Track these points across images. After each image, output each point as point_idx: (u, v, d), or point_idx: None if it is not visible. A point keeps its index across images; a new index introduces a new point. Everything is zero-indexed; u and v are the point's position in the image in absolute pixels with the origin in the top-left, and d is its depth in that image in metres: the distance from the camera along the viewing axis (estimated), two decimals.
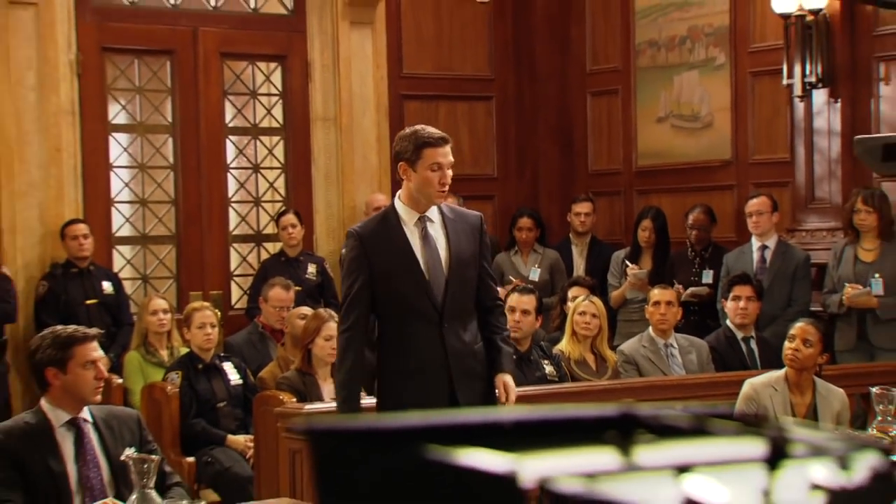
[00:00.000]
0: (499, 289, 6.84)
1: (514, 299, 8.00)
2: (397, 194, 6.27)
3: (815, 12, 9.95)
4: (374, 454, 1.09)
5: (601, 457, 1.04)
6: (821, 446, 1.05)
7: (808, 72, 9.96)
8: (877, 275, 9.08)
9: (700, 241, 10.28)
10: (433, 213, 6.14)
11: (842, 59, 10.08)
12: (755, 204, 9.79)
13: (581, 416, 1.10)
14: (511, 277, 10.09)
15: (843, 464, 1.01)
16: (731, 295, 8.88)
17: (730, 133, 10.92)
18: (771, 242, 9.73)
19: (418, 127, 6.26)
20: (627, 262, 10.32)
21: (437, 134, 6.15)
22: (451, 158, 6.15)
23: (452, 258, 6.08)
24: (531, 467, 0.97)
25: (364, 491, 1.09)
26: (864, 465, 1.02)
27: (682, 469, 0.98)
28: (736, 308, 8.78)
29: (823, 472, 1.00)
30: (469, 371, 6.04)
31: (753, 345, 8.78)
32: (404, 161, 6.06)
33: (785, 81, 10.09)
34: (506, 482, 0.97)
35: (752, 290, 8.82)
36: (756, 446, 1.02)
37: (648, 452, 1.05)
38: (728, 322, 8.91)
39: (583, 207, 10.99)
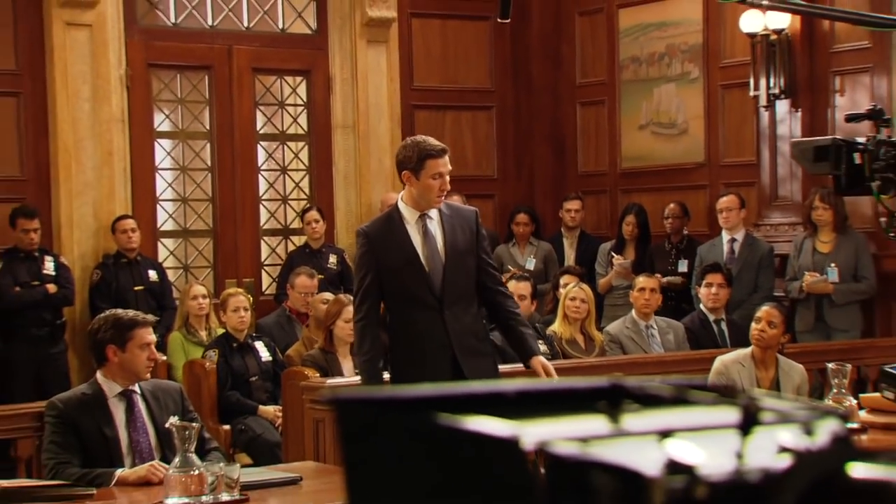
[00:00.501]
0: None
1: (511, 286, 7.98)
2: (400, 195, 6.26)
3: (779, 31, 9.96)
4: (391, 421, 1.09)
5: (592, 423, 1.04)
6: (787, 413, 1.05)
7: (772, 84, 9.98)
8: (832, 264, 9.15)
9: (676, 233, 10.30)
10: (432, 210, 6.13)
11: (802, 74, 10.08)
12: (725, 201, 9.82)
13: (574, 387, 1.11)
14: (509, 267, 10.12)
15: (807, 429, 1.02)
16: (704, 282, 8.90)
17: (703, 139, 10.92)
18: (739, 236, 9.75)
19: (419, 138, 6.26)
20: (613, 254, 10.35)
21: (438, 146, 6.14)
22: (450, 167, 6.15)
23: (448, 250, 6.06)
24: (531, 432, 0.98)
25: (383, 454, 1.10)
26: (825, 430, 1.02)
27: (665, 433, 0.98)
28: (708, 294, 8.81)
29: (789, 436, 1.01)
30: (471, 349, 6.03)
31: (724, 326, 8.79)
32: (408, 170, 6.05)
33: (751, 93, 10.11)
34: (509, 445, 0.97)
35: (723, 277, 8.84)
36: (729, 414, 1.03)
37: (634, 419, 1.05)
38: (701, 306, 8.94)
39: (573, 205, 11.00)
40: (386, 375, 6.22)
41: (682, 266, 10.06)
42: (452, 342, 5.98)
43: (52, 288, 9.60)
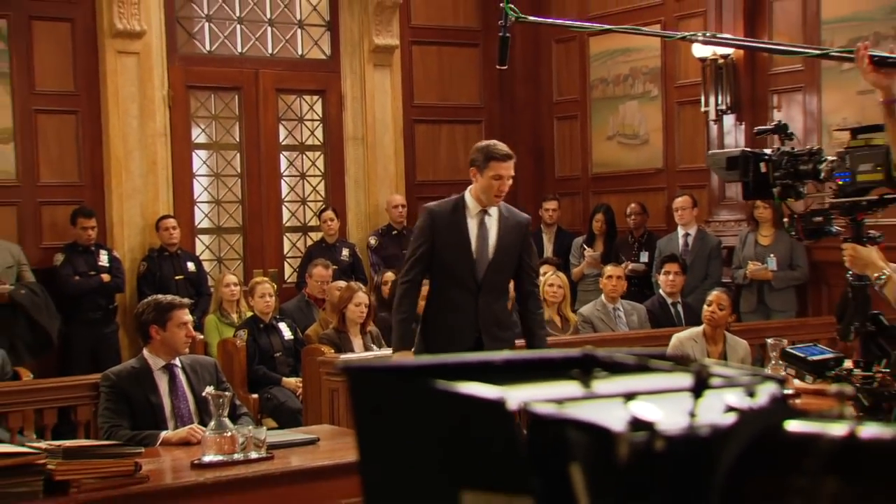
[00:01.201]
0: None
1: None
2: (469, 188, 6.05)
3: (725, 56, 9.99)
4: (395, 387, 1.09)
5: (567, 387, 1.04)
6: (732, 379, 1.06)
7: (719, 102, 10.00)
8: (772, 255, 9.21)
9: (638, 228, 10.33)
10: (492, 208, 5.97)
11: (745, 92, 10.10)
12: (680, 202, 9.85)
13: (551, 357, 1.11)
14: None
15: (750, 392, 1.02)
16: (663, 271, 8.94)
17: (661, 148, 10.95)
18: (692, 231, 9.77)
19: (491, 142, 6.14)
20: (585, 246, 10.39)
21: (503, 151, 5.97)
22: (511, 172, 5.97)
23: (498, 246, 5.93)
24: (515, 395, 0.98)
25: (389, 415, 1.10)
26: (765, 393, 1.03)
27: (629, 396, 0.98)
28: (666, 280, 8.84)
29: (735, 398, 1.01)
30: (494, 334, 5.91)
31: (680, 308, 8.82)
32: (475, 167, 5.92)
33: (702, 109, 10.13)
34: (496, 406, 0.98)
35: (679, 266, 8.87)
36: (683, 379, 1.03)
37: (603, 384, 1.06)
38: (661, 291, 8.96)
39: (550, 205, 11.01)
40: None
41: (644, 257, 10.10)
42: (480, 324, 5.89)
43: (106, 277, 9.63)
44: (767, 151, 4.49)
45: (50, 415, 6.29)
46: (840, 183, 4.26)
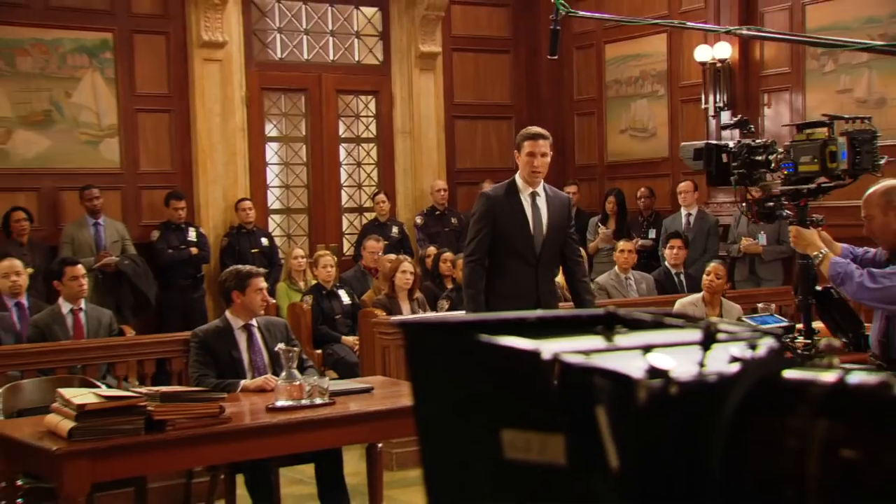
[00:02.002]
0: None
1: None
2: (518, 173, 5.85)
3: (722, 60, 9.93)
4: (444, 340, 1.09)
5: (593, 341, 1.04)
6: (736, 334, 1.05)
7: (717, 100, 9.95)
8: (762, 232, 9.15)
9: (646, 209, 10.28)
10: (540, 189, 5.78)
11: (739, 92, 10.03)
12: (683, 186, 9.78)
13: (579, 315, 1.10)
14: None
15: (751, 345, 1.01)
16: (668, 245, 8.89)
17: (667, 140, 10.88)
18: (693, 211, 9.71)
19: (528, 127, 5.99)
20: (599, 225, 10.34)
21: (534, 131, 5.82)
22: (543, 150, 5.73)
23: (550, 222, 5.75)
24: (548, 347, 0.97)
25: (438, 364, 1.09)
26: (765, 346, 1.02)
27: (647, 348, 0.98)
28: (671, 254, 8.80)
29: (738, 350, 1.00)
30: (548, 299, 5.80)
31: (682, 278, 8.77)
32: (516, 150, 5.79)
33: (703, 106, 10.07)
34: (532, 356, 0.97)
35: (682, 242, 8.82)
36: (694, 334, 1.02)
37: (624, 338, 1.05)
38: (666, 263, 8.91)
39: (571, 189, 10.91)
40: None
41: (652, 234, 10.06)
42: (539, 290, 5.75)
43: (194, 251, 9.70)
44: (730, 143, 4.44)
45: (149, 365, 6.34)
46: (786, 172, 4.22)
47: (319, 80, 11.04)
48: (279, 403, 4.74)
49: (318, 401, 4.77)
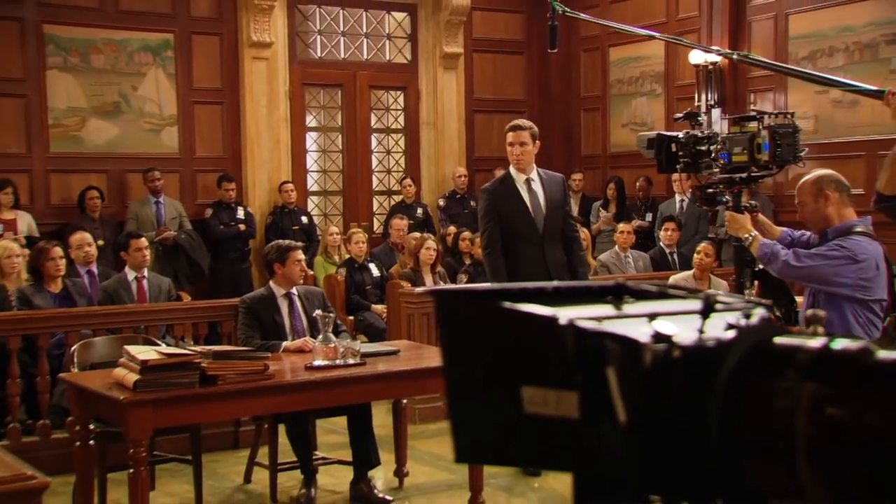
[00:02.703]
0: None
1: None
2: (511, 165, 5.84)
3: (714, 63, 9.85)
4: (470, 306, 1.08)
5: (604, 309, 1.03)
6: (732, 304, 1.03)
7: (709, 98, 9.87)
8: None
9: (644, 195, 10.23)
10: (534, 175, 5.73)
11: (728, 91, 9.96)
12: (677, 175, 9.71)
13: (591, 286, 1.10)
14: None
15: (746, 314, 1.00)
16: (663, 228, 8.84)
17: None
18: (686, 197, 9.63)
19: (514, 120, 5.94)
20: (601, 209, 10.31)
21: (514, 123, 5.86)
22: (521, 139, 5.70)
23: (548, 203, 5.70)
24: (564, 314, 0.97)
25: (466, 328, 1.09)
26: (758, 315, 1.01)
27: (652, 316, 0.97)
28: (665, 235, 8.74)
29: (734, 318, 0.99)
30: (561, 275, 5.71)
31: (676, 257, 8.71)
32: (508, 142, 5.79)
33: (696, 104, 9.98)
34: (550, 322, 0.96)
35: (675, 225, 8.76)
36: (694, 304, 1.01)
37: (632, 306, 1.04)
38: (661, 243, 8.86)
39: (577, 176, 10.93)
40: None
41: (648, 217, 10.00)
42: (549, 267, 5.69)
43: (242, 227, 9.73)
44: (680, 134, 4.37)
45: (203, 327, 6.38)
46: (722, 162, 4.18)
47: (354, 77, 11.02)
48: (316, 363, 4.77)
49: (350, 361, 4.79)
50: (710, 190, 4.29)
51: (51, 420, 5.88)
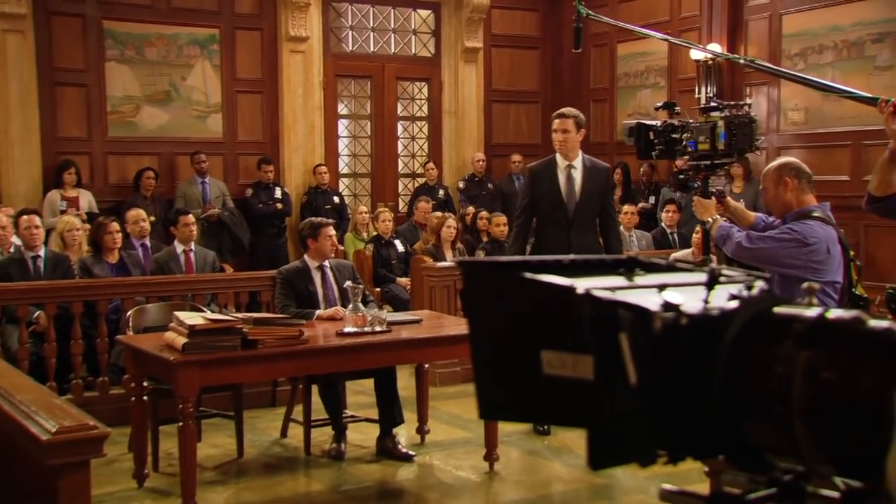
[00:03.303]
0: None
1: None
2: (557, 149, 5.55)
3: (713, 59, 9.74)
4: (493, 276, 1.08)
5: (617, 280, 1.02)
6: (735, 277, 1.03)
7: (708, 91, 9.76)
8: (742, 200, 8.96)
9: (647, 179, 10.15)
10: (577, 162, 5.48)
11: (726, 85, 9.84)
12: (678, 161, 9.63)
13: (605, 259, 1.09)
14: None
15: (747, 286, 0.99)
16: (664, 209, 8.78)
17: None
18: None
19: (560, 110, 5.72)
20: None
21: (558, 111, 5.61)
22: (563, 127, 5.49)
23: (584, 191, 5.43)
24: (581, 284, 0.96)
25: (489, 297, 1.08)
26: (758, 287, 1.00)
27: (661, 287, 0.96)
28: (667, 216, 8.69)
29: (736, 289, 0.98)
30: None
31: (676, 236, 8.65)
32: (553, 129, 5.57)
33: (696, 96, 9.87)
34: (568, 291, 0.96)
35: (676, 207, 8.69)
36: (701, 276, 1.00)
37: (642, 278, 1.03)
38: (662, 224, 8.80)
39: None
40: None
41: (651, 200, 9.93)
42: (572, 250, 5.41)
43: (279, 206, 9.73)
44: (657, 123, 4.30)
45: (244, 296, 6.39)
46: (689, 150, 4.12)
47: (382, 69, 10.98)
48: (346, 329, 4.77)
49: (377, 328, 4.79)
50: (682, 176, 4.23)
51: (109, 377, 5.93)
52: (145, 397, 4.80)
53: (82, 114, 9.42)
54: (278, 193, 9.79)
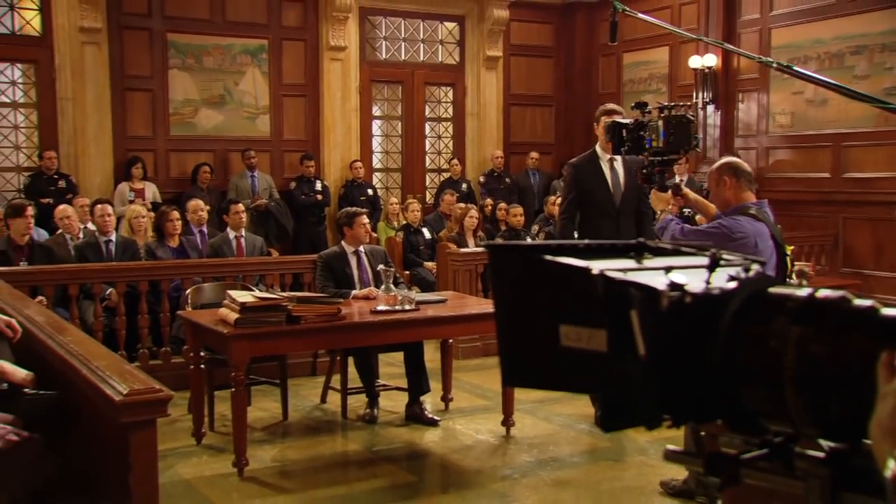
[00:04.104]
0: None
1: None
2: (597, 143, 5.17)
3: (709, 67, 9.66)
4: (517, 258, 1.08)
5: (628, 262, 1.02)
6: (734, 260, 1.02)
7: (705, 96, 9.68)
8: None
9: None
10: (617, 156, 4.95)
11: (721, 91, 9.75)
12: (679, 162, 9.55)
13: (617, 244, 1.09)
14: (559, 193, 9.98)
15: (745, 269, 0.99)
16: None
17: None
18: (685, 178, 9.32)
19: (606, 104, 5.38)
20: None
21: (610, 107, 5.16)
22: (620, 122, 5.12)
23: (627, 182, 5.09)
24: (596, 265, 0.96)
25: (513, 277, 1.08)
26: (755, 269, 0.99)
27: (668, 269, 0.96)
28: (667, 210, 8.60)
29: (735, 271, 0.98)
30: None
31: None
32: (595, 122, 5.15)
33: (693, 100, 9.80)
34: (584, 271, 0.96)
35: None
36: (703, 259, 1.00)
37: (651, 260, 1.03)
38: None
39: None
40: None
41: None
42: (621, 237, 5.03)
43: (319, 197, 9.74)
44: (629, 121, 4.20)
45: (288, 277, 6.42)
46: (647, 147, 4.04)
47: (412, 75, 10.95)
48: (379, 308, 4.78)
49: (407, 307, 4.80)
50: (644, 170, 4.13)
51: (171, 348, 5.99)
52: (202, 366, 4.84)
53: (148, 115, 9.50)
54: (318, 186, 9.80)
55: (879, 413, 0.80)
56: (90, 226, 7.09)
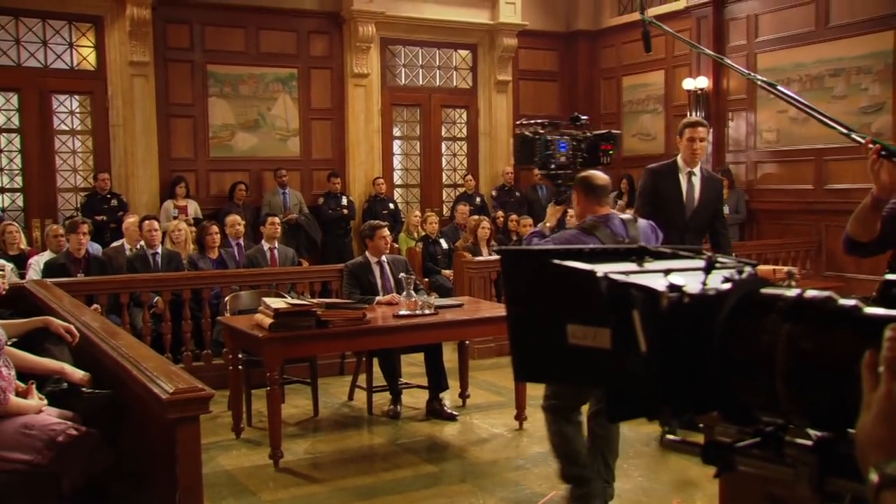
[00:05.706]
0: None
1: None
2: (679, 155, 4.71)
3: (701, 89, 9.62)
4: (526, 261, 1.08)
5: (629, 265, 1.02)
6: (728, 263, 1.02)
7: (697, 114, 9.63)
8: (726, 204, 8.74)
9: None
10: (697, 170, 4.66)
11: (713, 110, 9.72)
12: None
13: (619, 248, 1.08)
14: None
15: (738, 271, 0.98)
16: None
17: (663, 142, 10.62)
18: None
19: (689, 117, 4.98)
20: (616, 199, 10.12)
21: (693, 120, 4.78)
22: (701, 135, 4.61)
23: (701, 198, 4.67)
24: (600, 268, 0.96)
25: (523, 279, 1.08)
26: (747, 272, 0.99)
27: (667, 271, 0.96)
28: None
29: (729, 273, 0.98)
30: None
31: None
32: (678, 136, 4.71)
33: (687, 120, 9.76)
34: (589, 274, 0.96)
35: None
36: (700, 262, 1.00)
37: (651, 263, 1.03)
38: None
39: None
40: None
41: None
42: None
43: (345, 211, 9.76)
44: (537, 136, 4.02)
45: (317, 285, 6.44)
46: (552, 162, 3.91)
47: (429, 98, 10.98)
48: (401, 312, 4.79)
49: (426, 312, 4.80)
50: (556, 182, 3.99)
51: (212, 350, 6.02)
52: (240, 367, 4.86)
53: (190, 139, 9.59)
54: (344, 201, 9.83)
55: (863, 422, 0.79)
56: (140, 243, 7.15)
